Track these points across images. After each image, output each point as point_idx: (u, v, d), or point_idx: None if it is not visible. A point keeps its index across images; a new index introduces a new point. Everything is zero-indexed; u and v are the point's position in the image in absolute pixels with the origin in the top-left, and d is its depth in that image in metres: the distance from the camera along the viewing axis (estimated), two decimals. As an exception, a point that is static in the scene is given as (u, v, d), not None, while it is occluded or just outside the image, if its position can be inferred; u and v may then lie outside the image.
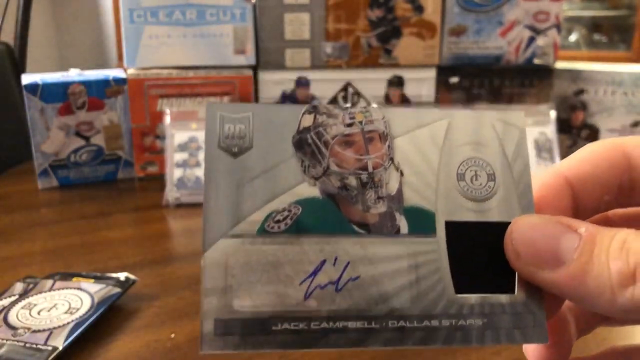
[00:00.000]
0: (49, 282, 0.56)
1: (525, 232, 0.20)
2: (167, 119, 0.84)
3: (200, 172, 0.82)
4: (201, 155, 0.83)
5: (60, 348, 0.47)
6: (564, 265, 0.19)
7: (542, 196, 0.22)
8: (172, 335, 0.51)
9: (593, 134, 0.97)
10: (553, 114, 0.87)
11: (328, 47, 0.92)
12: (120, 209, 0.81)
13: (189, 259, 0.67)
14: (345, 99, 0.94)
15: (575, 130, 0.97)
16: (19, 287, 0.57)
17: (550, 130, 0.86)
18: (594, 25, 2.81)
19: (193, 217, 0.78)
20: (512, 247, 0.21)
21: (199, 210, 0.78)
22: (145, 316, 0.54)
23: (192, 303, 0.57)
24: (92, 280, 0.56)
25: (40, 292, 0.55)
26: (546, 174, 0.22)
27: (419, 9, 0.91)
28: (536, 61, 0.94)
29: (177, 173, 0.82)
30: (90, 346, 0.50)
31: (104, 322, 0.53)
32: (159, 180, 0.86)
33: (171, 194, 0.81)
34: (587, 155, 0.22)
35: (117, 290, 0.55)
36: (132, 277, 0.58)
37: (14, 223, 0.76)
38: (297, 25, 0.90)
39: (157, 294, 0.58)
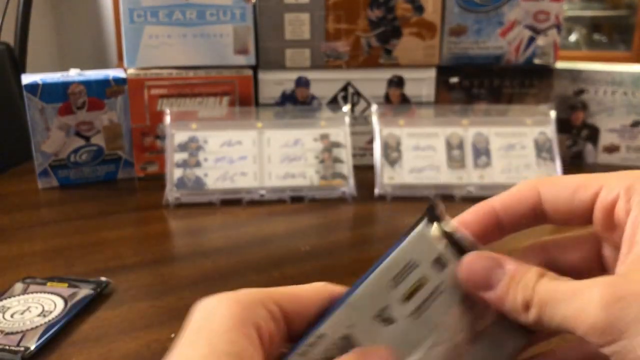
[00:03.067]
0: (23, 286, 0.57)
1: (470, 262, 0.29)
2: (167, 119, 0.84)
3: (200, 172, 0.82)
4: (201, 155, 0.83)
5: (32, 349, 0.47)
6: (493, 290, 0.28)
7: (475, 220, 0.31)
8: (172, 335, 0.51)
9: (593, 134, 0.97)
10: (553, 114, 0.87)
11: (328, 47, 0.92)
12: (120, 209, 0.81)
13: (189, 259, 0.67)
14: (345, 99, 0.94)
15: (575, 130, 0.97)
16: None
17: (550, 130, 0.86)
18: (594, 25, 2.81)
19: (193, 217, 0.78)
20: (462, 272, 0.29)
21: (199, 210, 0.79)
22: (145, 316, 0.54)
23: (192, 303, 0.57)
24: (66, 285, 0.57)
25: (14, 296, 0.55)
26: (479, 205, 0.31)
27: (419, 9, 0.91)
28: (536, 61, 0.94)
29: (177, 173, 0.82)
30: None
31: (104, 322, 0.53)
32: (159, 180, 0.86)
33: (171, 194, 0.81)
34: (512, 192, 0.31)
35: (91, 292, 0.56)
36: (105, 279, 0.58)
37: (14, 223, 0.76)
38: (297, 25, 0.90)
39: (157, 294, 0.58)
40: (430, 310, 0.28)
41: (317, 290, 0.29)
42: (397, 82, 0.93)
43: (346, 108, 0.88)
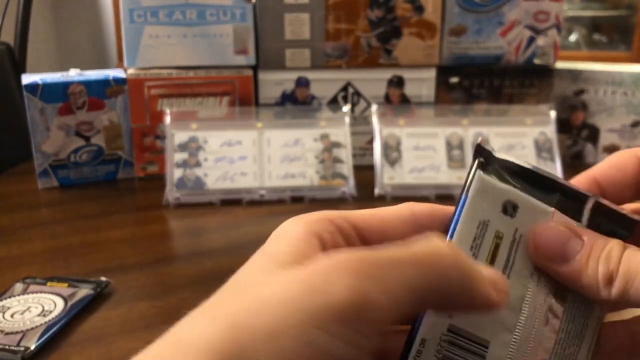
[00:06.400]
0: (23, 286, 0.57)
1: (542, 233, 0.26)
2: (167, 119, 0.84)
3: (200, 172, 0.82)
4: (201, 155, 0.83)
5: (32, 348, 0.48)
6: (569, 263, 0.25)
7: None
8: (172, 335, 0.51)
9: (593, 134, 0.97)
10: (553, 114, 0.87)
11: (328, 47, 0.92)
12: (120, 209, 0.81)
13: (189, 259, 0.67)
14: (345, 99, 0.94)
15: (575, 130, 0.97)
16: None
17: (550, 130, 0.86)
18: (594, 25, 2.81)
19: (193, 217, 0.78)
20: (532, 244, 0.26)
21: (199, 210, 0.79)
22: (145, 316, 0.54)
23: (192, 303, 0.57)
24: (66, 285, 0.57)
25: (14, 296, 0.55)
26: (580, 176, 0.29)
27: (419, 9, 0.91)
28: (536, 61, 0.94)
29: (177, 173, 0.82)
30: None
31: (104, 322, 0.53)
32: (159, 180, 0.86)
33: (171, 194, 0.81)
34: (612, 161, 0.28)
35: (91, 292, 0.56)
36: (105, 279, 0.58)
37: (14, 223, 0.76)
38: (297, 25, 0.90)
39: (157, 294, 0.58)
40: (517, 263, 0.26)
41: (399, 211, 0.27)
42: (397, 82, 0.93)
43: (346, 108, 0.88)
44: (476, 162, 0.26)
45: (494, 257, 0.26)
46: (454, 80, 0.94)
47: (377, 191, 0.82)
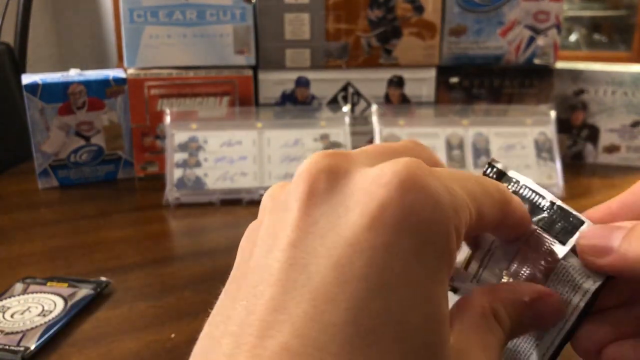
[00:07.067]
0: (23, 286, 0.57)
1: (587, 233, 0.26)
2: (167, 119, 0.84)
3: (200, 172, 0.82)
4: (201, 155, 0.83)
5: (32, 348, 0.48)
6: (613, 251, 0.25)
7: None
8: (172, 335, 0.51)
9: (593, 134, 0.97)
10: (553, 114, 0.87)
11: (328, 47, 0.92)
12: (120, 209, 0.81)
13: (189, 259, 0.67)
14: (345, 99, 0.94)
15: (575, 130, 0.97)
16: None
17: (550, 130, 0.86)
18: (594, 25, 2.81)
19: (193, 217, 0.78)
20: (579, 245, 0.26)
21: (199, 210, 0.79)
22: (145, 316, 0.54)
23: (192, 303, 0.57)
24: (66, 285, 0.57)
25: (14, 296, 0.55)
26: (598, 208, 0.28)
27: (419, 9, 0.91)
28: (536, 61, 0.94)
29: (177, 173, 0.82)
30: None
31: (104, 322, 0.53)
32: (159, 180, 0.86)
33: (171, 194, 0.81)
34: (633, 190, 0.28)
35: (91, 292, 0.56)
36: (105, 279, 0.58)
37: (14, 223, 0.76)
38: (297, 25, 0.90)
39: (157, 294, 0.58)
40: (486, 271, 0.28)
41: None
42: (397, 82, 0.93)
43: (346, 108, 0.88)
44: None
45: (468, 263, 0.28)
46: (454, 80, 0.94)
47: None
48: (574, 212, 0.27)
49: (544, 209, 0.27)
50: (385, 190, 0.20)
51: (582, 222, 0.27)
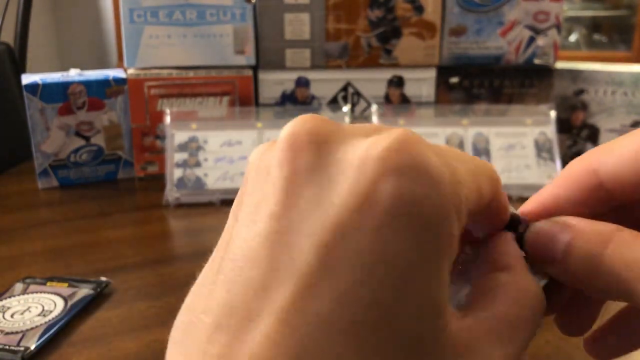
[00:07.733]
0: (23, 286, 0.57)
1: (530, 235, 0.23)
2: (167, 119, 0.84)
3: (200, 172, 0.82)
4: (201, 155, 0.83)
5: (32, 348, 0.48)
6: (557, 260, 0.22)
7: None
8: (172, 335, 0.51)
9: (593, 134, 0.97)
10: (553, 114, 0.87)
11: (328, 47, 0.92)
12: (120, 209, 0.81)
13: (189, 259, 0.67)
14: (345, 99, 0.94)
15: (575, 130, 0.97)
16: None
17: (550, 130, 0.86)
18: (594, 25, 2.81)
19: (193, 217, 0.78)
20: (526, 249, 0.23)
21: (199, 210, 0.79)
22: (145, 316, 0.54)
23: (192, 303, 0.57)
24: (66, 285, 0.57)
25: (14, 296, 0.55)
26: (529, 203, 0.25)
27: (419, 9, 0.91)
28: (536, 61, 0.94)
29: (177, 173, 0.82)
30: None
31: (104, 322, 0.53)
32: (159, 180, 0.86)
33: (171, 194, 0.81)
34: (564, 178, 0.24)
35: (91, 292, 0.56)
36: (105, 279, 0.58)
37: (14, 223, 0.76)
38: (297, 25, 0.90)
39: (157, 294, 0.58)
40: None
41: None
42: (397, 82, 0.93)
43: (346, 108, 0.88)
44: None
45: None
46: (454, 80, 0.94)
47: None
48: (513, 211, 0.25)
49: None
50: (378, 165, 0.18)
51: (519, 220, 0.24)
